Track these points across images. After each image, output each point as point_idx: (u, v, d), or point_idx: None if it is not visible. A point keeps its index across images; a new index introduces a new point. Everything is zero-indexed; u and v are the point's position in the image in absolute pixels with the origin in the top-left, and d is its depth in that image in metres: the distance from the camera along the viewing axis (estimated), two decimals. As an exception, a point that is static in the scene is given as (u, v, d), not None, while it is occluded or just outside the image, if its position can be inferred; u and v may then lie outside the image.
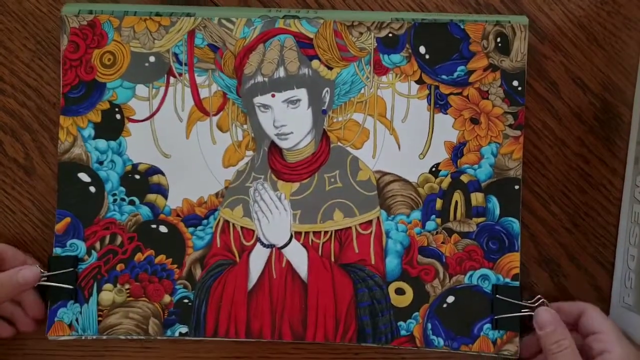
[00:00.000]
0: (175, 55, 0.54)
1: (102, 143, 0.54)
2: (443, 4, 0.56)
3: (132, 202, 0.54)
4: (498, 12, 0.56)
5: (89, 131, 0.54)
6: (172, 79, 0.54)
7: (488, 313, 0.52)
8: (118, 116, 0.54)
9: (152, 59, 0.53)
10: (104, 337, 0.52)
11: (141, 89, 0.54)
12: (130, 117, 0.54)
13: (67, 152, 0.54)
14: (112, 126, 0.54)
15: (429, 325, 0.52)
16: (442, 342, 0.52)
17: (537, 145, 0.57)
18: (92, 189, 0.54)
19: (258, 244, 0.53)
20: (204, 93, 0.54)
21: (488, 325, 0.51)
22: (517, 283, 0.52)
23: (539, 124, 0.57)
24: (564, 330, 0.48)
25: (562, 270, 0.57)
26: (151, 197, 0.54)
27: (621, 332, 0.49)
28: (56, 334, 0.53)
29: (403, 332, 0.53)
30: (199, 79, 0.53)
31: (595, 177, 0.57)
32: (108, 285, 0.53)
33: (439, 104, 0.52)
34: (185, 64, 0.53)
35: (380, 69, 0.52)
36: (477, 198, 0.52)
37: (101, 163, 0.54)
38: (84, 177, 0.54)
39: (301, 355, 0.57)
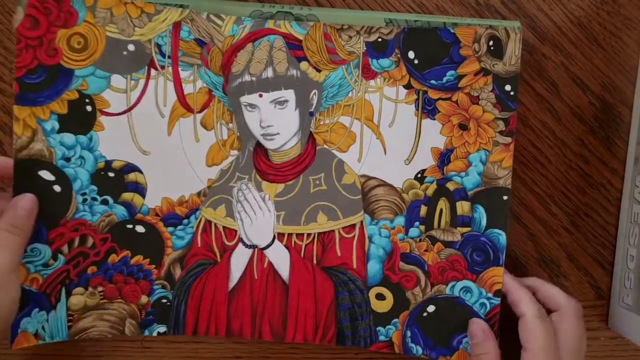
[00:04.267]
0: (158, 46, 0.50)
1: (69, 137, 0.50)
2: (443, 4, 0.56)
3: (105, 202, 0.51)
4: (498, 12, 0.56)
5: (52, 124, 0.49)
6: (153, 72, 0.50)
7: (467, 327, 0.50)
8: (89, 108, 0.49)
9: (131, 47, 0.50)
10: (75, 339, 0.50)
11: (118, 80, 0.50)
12: (104, 109, 0.50)
13: (26, 148, 0.49)
14: (81, 119, 0.50)
15: (408, 333, 0.51)
16: (420, 350, 0.51)
17: (537, 145, 0.57)
18: (57, 188, 0.50)
19: (240, 244, 0.52)
20: (188, 89, 0.51)
21: (467, 339, 0.50)
22: (498, 300, 0.50)
23: (539, 124, 0.57)
24: (490, 343, 0.48)
25: (561, 270, 0.57)
26: (127, 196, 0.51)
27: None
28: (20, 345, 0.50)
29: (382, 338, 0.52)
30: (183, 74, 0.51)
31: (595, 177, 0.57)
32: (79, 289, 0.51)
33: (427, 109, 0.50)
34: (169, 57, 0.50)
35: (368, 73, 0.51)
36: (463, 207, 0.51)
37: (68, 160, 0.50)
38: (46, 175, 0.49)
39: (301, 355, 0.57)
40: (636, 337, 0.54)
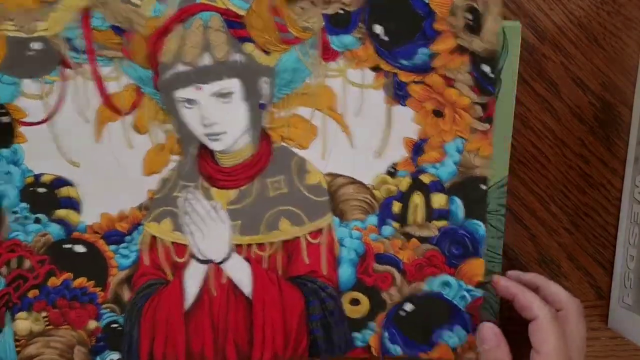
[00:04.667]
0: (69, 40, 0.41)
1: None
2: None
3: (37, 220, 0.44)
4: None
5: None
6: (68, 71, 0.42)
7: (448, 320, 0.47)
8: (6, 119, 0.43)
9: (36, 45, 0.42)
10: None
11: (29, 85, 0.42)
12: (21, 119, 0.43)
13: None
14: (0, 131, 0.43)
15: (386, 334, 0.48)
16: (399, 350, 0.47)
17: (537, 145, 0.52)
18: None
19: (193, 260, 0.45)
20: (112, 87, 0.42)
21: (448, 333, 0.47)
22: (479, 292, 0.47)
23: (539, 124, 0.52)
24: (503, 349, 0.45)
25: (561, 270, 0.54)
26: (61, 212, 0.44)
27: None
28: None
29: (358, 343, 0.48)
30: (103, 70, 0.41)
31: (595, 177, 0.53)
32: (22, 314, 0.45)
33: (398, 94, 0.43)
34: (84, 52, 0.41)
35: (328, 54, 0.42)
36: (439, 200, 0.46)
37: None
38: None
39: None
40: (636, 337, 0.51)
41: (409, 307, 0.47)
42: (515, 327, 0.45)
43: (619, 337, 0.53)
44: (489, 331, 0.46)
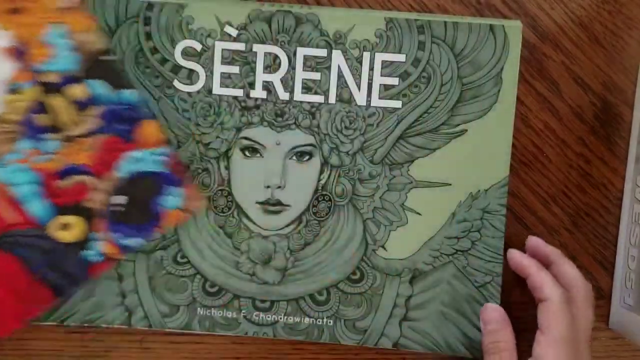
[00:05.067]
0: None
1: None
2: (444, 4, 0.51)
3: None
4: (499, 11, 0.52)
5: None
6: None
7: (159, 189, 0.46)
8: None
9: None
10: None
11: None
12: None
13: None
14: None
15: (113, 234, 0.46)
16: (132, 240, 0.46)
17: (538, 145, 0.52)
18: None
19: None
20: None
21: (166, 198, 0.46)
22: (166, 150, 0.45)
23: (540, 124, 0.52)
24: (506, 331, 0.45)
25: None
26: None
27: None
28: None
29: (94, 259, 0.45)
30: None
31: (596, 177, 0.53)
32: None
33: None
34: None
35: None
36: (76, 91, 0.44)
37: None
38: None
39: (301, 356, 0.52)
40: (637, 338, 0.50)
41: (121, 199, 0.46)
42: (517, 313, 0.46)
43: (620, 338, 0.52)
44: (494, 313, 0.46)
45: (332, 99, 0.46)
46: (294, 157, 0.45)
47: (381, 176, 0.46)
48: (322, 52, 0.46)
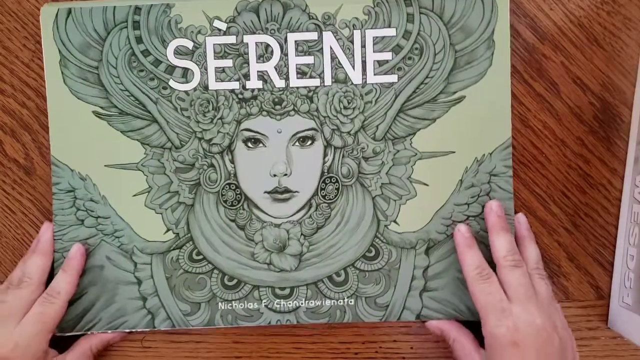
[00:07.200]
0: None
1: None
2: None
3: None
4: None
5: None
6: None
7: None
8: None
9: None
10: None
11: None
12: None
13: None
14: None
15: None
16: None
17: (537, 145, 0.52)
18: None
19: None
20: None
21: None
22: None
23: (539, 124, 0.52)
24: (461, 339, 0.46)
25: (561, 270, 0.54)
26: None
27: None
28: None
29: None
30: None
31: (595, 177, 0.53)
32: None
33: None
34: None
35: None
36: None
37: None
38: None
39: (301, 355, 0.53)
40: (636, 337, 0.50)
41: None
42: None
43: (619, 337, 0.53)
44: (431, 326, 0.48)
45: (328, 80, 0.45)
46: (297, 143, 0.45)
47: (385, 152, 0.46)
48: (313, 36, 0.45)
